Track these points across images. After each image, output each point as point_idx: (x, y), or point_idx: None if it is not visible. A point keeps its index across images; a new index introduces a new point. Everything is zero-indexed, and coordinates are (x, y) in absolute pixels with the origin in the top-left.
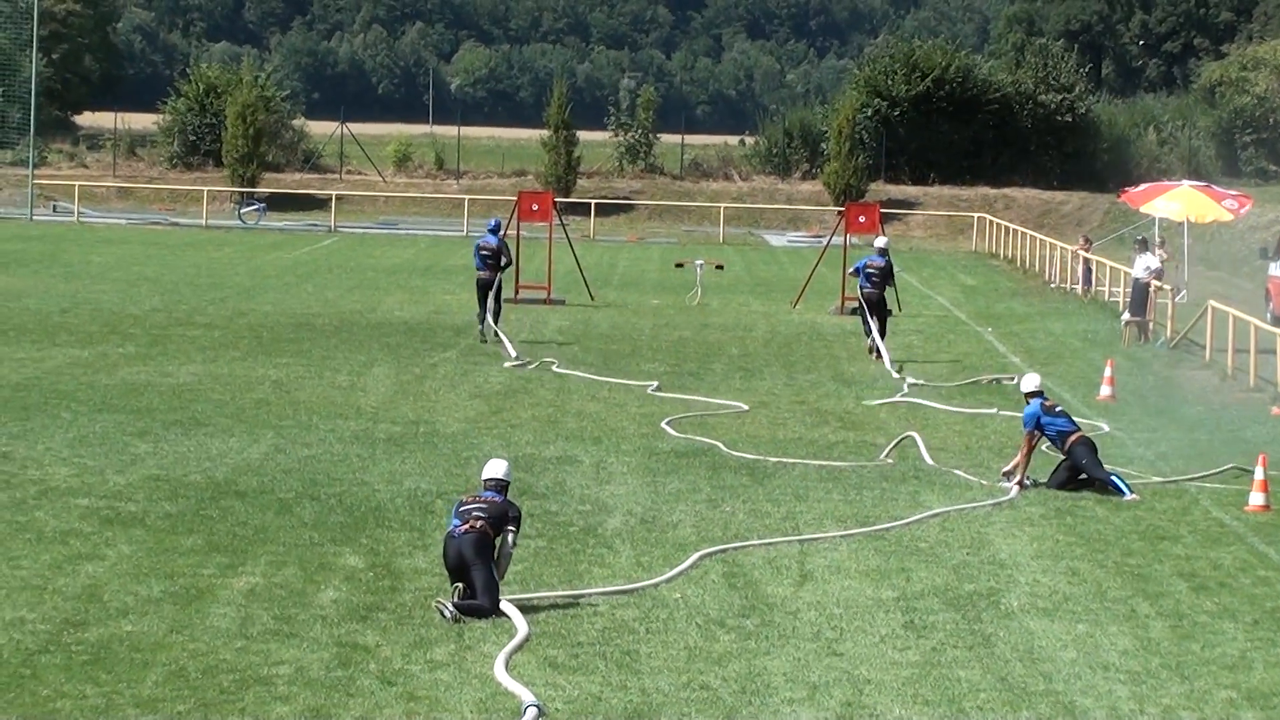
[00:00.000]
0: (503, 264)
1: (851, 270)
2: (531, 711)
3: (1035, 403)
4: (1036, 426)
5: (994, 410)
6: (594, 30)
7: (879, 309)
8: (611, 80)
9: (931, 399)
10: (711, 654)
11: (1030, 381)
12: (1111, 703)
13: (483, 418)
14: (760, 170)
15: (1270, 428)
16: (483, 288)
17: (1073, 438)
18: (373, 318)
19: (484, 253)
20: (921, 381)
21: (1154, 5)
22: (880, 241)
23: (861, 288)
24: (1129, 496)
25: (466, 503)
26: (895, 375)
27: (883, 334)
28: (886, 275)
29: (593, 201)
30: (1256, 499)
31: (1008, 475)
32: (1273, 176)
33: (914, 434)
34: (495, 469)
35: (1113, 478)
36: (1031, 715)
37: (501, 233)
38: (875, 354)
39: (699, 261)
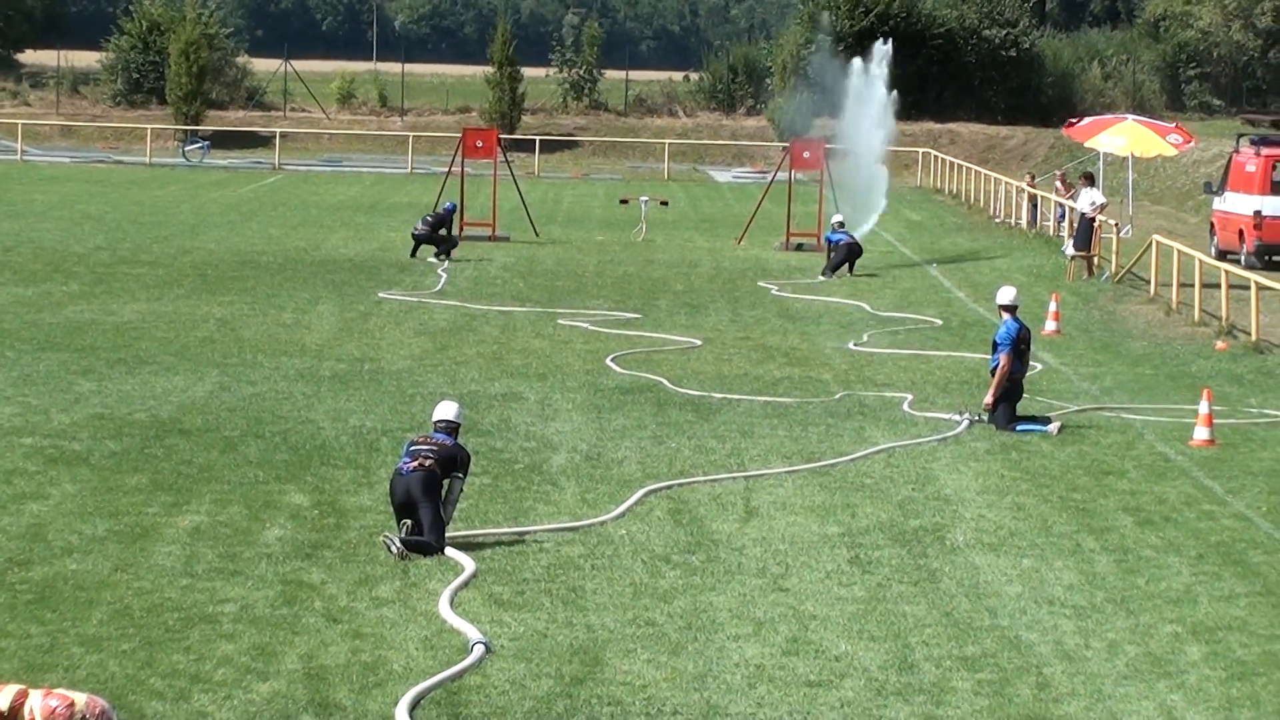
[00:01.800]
0: (441, 232)
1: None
2: (479, 649)
3: (1012, 321)
4: (1013, 349)
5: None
6: None
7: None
8: (555, 16)
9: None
10: (657, 590)
11: (1006, 294)
12: (1057, 637)
13: (428, 355)
14: (705, 106)
15: (1215, 362)
16: (418, 241)
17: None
18: (317, 255)
19: (428, 216)
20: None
21: None
22: (837, 217)
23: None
24: (1051, 428)
25: (417, 442)
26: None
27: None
28: None
29: (537, 138)
30: (1201, 433)
31: (991, 408)
32: (1217, 111)
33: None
34: (446, 410)
35: (1023, 428)
36: (977, 650)
37: (451, 218)
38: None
39: (644, 198)
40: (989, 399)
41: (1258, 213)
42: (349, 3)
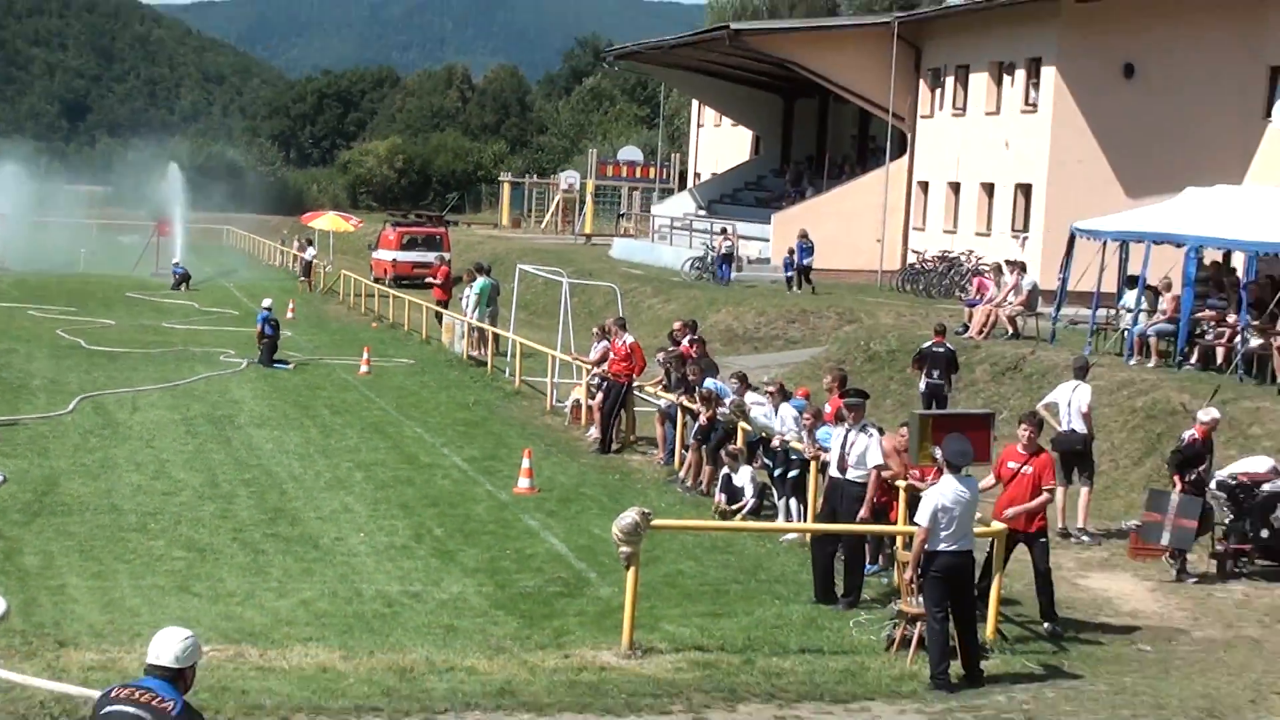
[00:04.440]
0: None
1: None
2: None
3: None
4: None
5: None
6: None
7: None
8: None
9: None
10: (86, 447)
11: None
12: (289, 469)
13: None
14: None
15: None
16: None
17: None
18: None
19: None
20: None
21: None
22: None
23: None
24: (290, 366)
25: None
26: None
27: None
28: None
29: None
30: (363, 369)
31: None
32: None
33: None
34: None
35: (278, 366)
36: (250, 475)
37: None
38: None
39: None
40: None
41: None
42: None
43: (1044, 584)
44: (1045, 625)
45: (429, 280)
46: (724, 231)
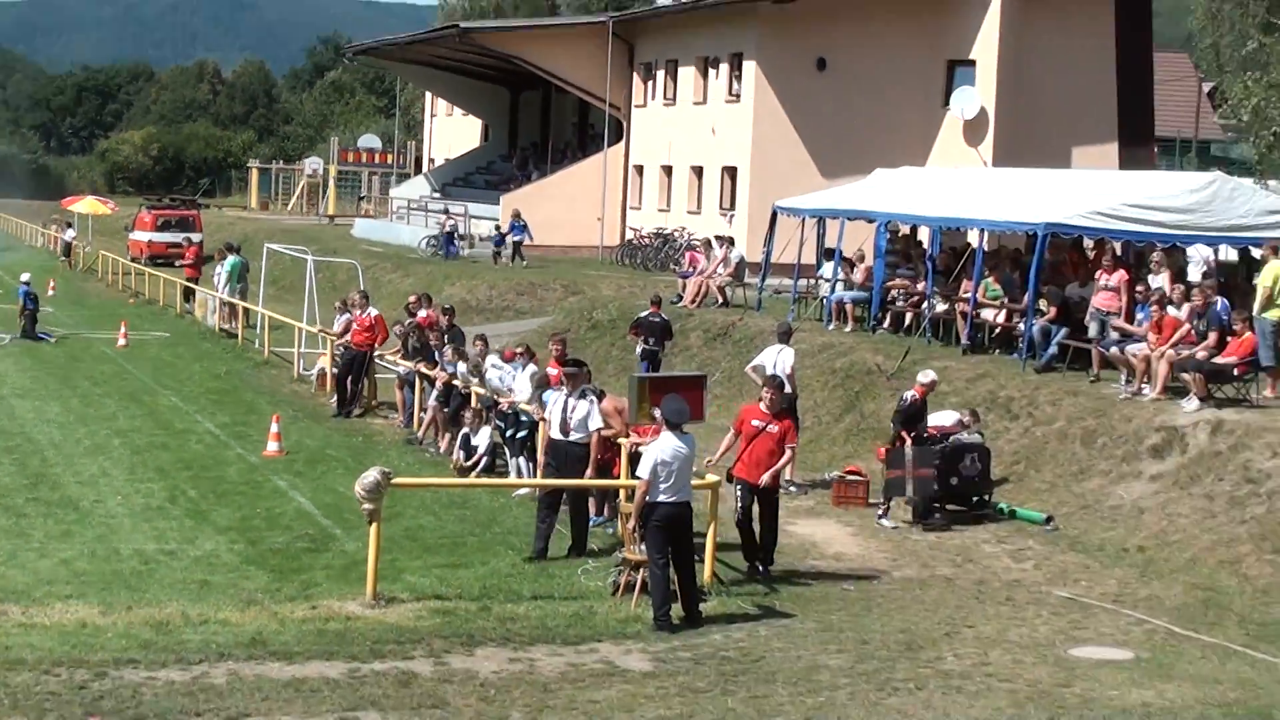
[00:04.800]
0: None
1: None
2: None
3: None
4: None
5: None
6: None
7: None
8: None
9: None
10: None
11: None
12: (50, 436)
13: None
14: None
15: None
16: None
17: None
18: None
19: None
20: None
21: None
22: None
23: None
24: (52, 339)
25: None
26: None
27: None
28: None
29: None
30: (121, 341)
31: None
32: None
33: None
34: None
35: (42, 337)
36: (14, 443)
37: None
38: None
39: None
40: None
41: None
42: None
43: (770, 533)
44: (760, 568)
45: (180, 263)
46: (447, 212)
